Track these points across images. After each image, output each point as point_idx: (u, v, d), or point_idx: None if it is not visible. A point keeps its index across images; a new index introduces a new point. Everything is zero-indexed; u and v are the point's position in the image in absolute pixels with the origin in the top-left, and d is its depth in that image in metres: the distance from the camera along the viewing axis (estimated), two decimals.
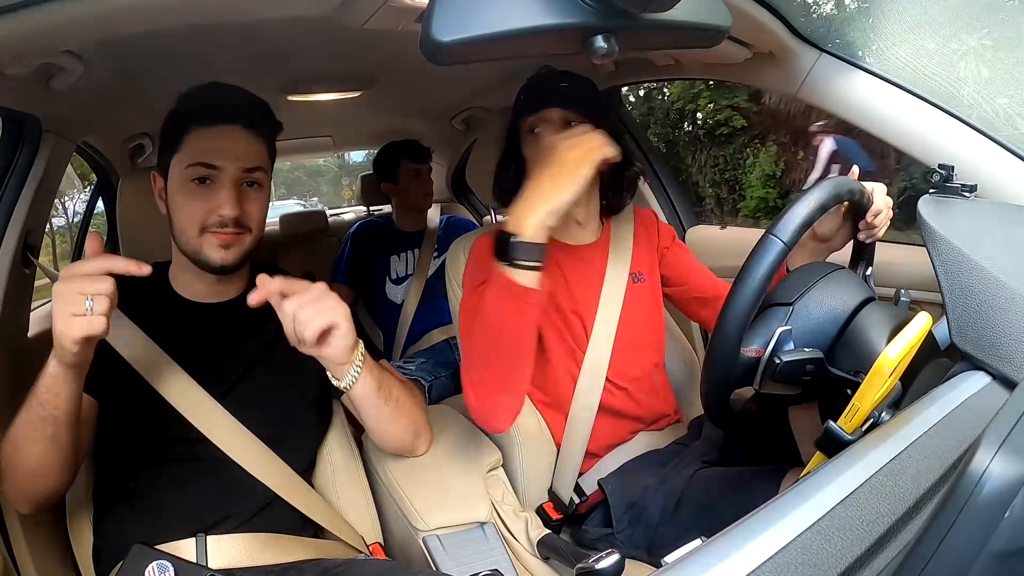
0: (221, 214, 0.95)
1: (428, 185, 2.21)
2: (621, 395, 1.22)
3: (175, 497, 0.97)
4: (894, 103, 1.06)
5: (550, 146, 0.92)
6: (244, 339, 1.03)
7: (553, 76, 1.16)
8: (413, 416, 1.07)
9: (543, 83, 1.16)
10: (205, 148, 0.96)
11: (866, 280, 0.92)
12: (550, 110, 1.11)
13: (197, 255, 0.98)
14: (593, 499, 1.21)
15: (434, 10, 0.56)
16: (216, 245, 0.97)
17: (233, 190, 0.96)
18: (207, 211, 0.96)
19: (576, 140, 0.91)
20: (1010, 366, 0.67)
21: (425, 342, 2.08)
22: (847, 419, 0.68)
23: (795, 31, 1.09)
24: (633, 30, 0.64)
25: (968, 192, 0.91)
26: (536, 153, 1.10)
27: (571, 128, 1.02)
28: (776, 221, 0.77)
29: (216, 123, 0.97)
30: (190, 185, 0.96)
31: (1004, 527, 0.38)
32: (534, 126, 1.13)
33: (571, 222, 1.22)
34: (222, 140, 0.96)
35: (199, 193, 0.96)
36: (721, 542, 0.47)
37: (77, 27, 0.76)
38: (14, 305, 1.10)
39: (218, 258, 0.98)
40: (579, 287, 1.21)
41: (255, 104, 1.01)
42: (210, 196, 0.96)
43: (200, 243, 0.97)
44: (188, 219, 0.97)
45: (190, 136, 0.97)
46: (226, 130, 0.97)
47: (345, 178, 18.72)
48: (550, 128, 1.11)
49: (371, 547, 1.09)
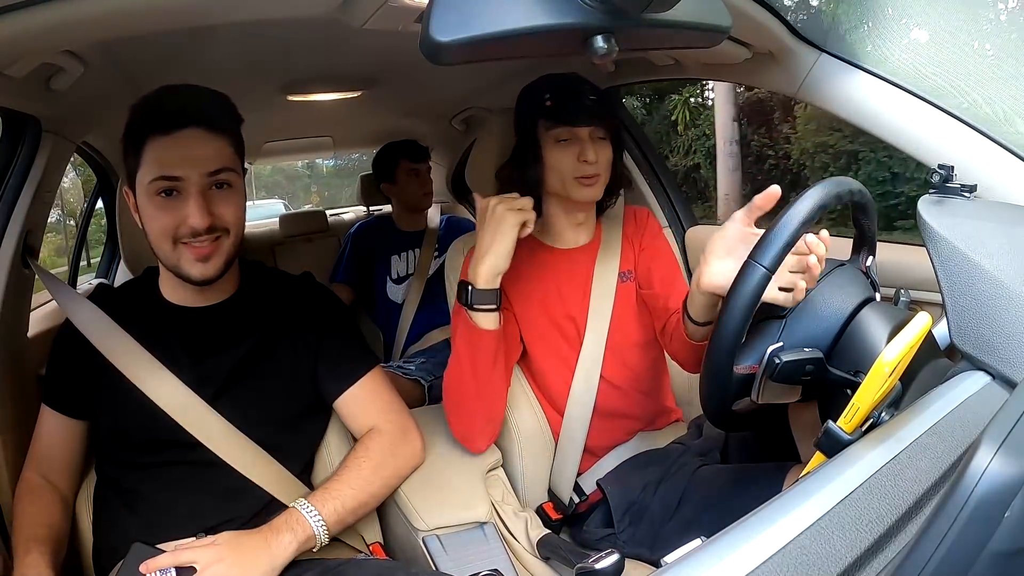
0: (191, 225, 0.92)
1: (427, 185, 2.21)
2: (617, 394, 1.22)
3: (174, 500, 0.97)
4: (894, 103, 1.06)
5: (488, 208, 1.04)
6: (235, 342, 1.02)
7: (582, 87, 1.16)
8: (387, 480, 1.06)
9: (573, 94, 1.15)
10: (165, 159, 0.92)
11: (867, 273, 0.91)
12: (583, 128, 1.13)
13: (177, 269, 0.96)
14: (593, 499, 1.21)
15: (433, 10, 0.56)
16: (193, 260, 0.94)
17: (200, 198, 0.92)
18: (176, 223, 0.93)
19: (507, 204, 1.03)
20: (1010, 366, 0.68)
21: (425, 342, 2.08)
22: (847, 419, 0.68)
23: (795, 31, 1.09)
24: (633, 30, 0.63)
25: (968, 192, 0.91)
26: (562, 161, 1.14)
27: (510, 199, 1.04)
28: (756, 247, 0.76)
29: (173, 129, 0.92)
30: (156, 199, 0.93)
31: (1004, 527, 0.38)
32: (562, 136, 1.14)
33: (571, 225, 1.23)
34: (182, 147, 0.92)
35: (166, 206, 0.93)
36: (721, 542, 0.47)
37: (77, 27, 0.76)
38: (14, 305, 1.10)
39: (197, 273, 0.95)
40: (569, 290, 1.22)
41: (213, 102, 0.96)
42: (177, 208, 0.92)
43: (177, 257, 0.95)
44: (159, 233, 0.94)
45: (149, 147, 0.93)
46: (184, 135, 0.92)
47: (314, 185, 19.00)
48: (575, 144, 1.13)
49: (371, 547, 1.09)
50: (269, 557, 0.88)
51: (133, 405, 0.96)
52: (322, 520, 0.93)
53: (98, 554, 1.00)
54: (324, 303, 1.11)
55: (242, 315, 1.04)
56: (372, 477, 1.02)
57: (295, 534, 0.90)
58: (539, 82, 1.19)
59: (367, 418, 1.08)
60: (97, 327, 0.99)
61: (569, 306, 1.21)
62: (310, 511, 0.93)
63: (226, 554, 0.86)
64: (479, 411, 1.13)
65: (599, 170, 1.14)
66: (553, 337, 1.21)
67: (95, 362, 0.97)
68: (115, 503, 1.00)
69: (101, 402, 1.00)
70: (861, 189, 0.86)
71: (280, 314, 1.05)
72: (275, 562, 0.88)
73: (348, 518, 0.98)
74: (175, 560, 0.85)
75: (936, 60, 1.15)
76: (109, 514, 1.01)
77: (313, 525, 0.92)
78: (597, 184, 1.15)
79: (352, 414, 1.08)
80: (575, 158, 1.13)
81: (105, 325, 0.99)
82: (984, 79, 1.11)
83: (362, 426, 1.08)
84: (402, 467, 1.09)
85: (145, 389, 0.96)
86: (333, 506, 0.95)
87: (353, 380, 1.07)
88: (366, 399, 1.08)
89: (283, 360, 1.04)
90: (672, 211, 1.82)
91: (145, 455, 0.98)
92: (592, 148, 1.13)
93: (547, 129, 1.15)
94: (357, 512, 1.00)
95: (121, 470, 1.00)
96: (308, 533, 0.92)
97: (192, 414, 0.97)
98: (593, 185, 1.15)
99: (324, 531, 0.93)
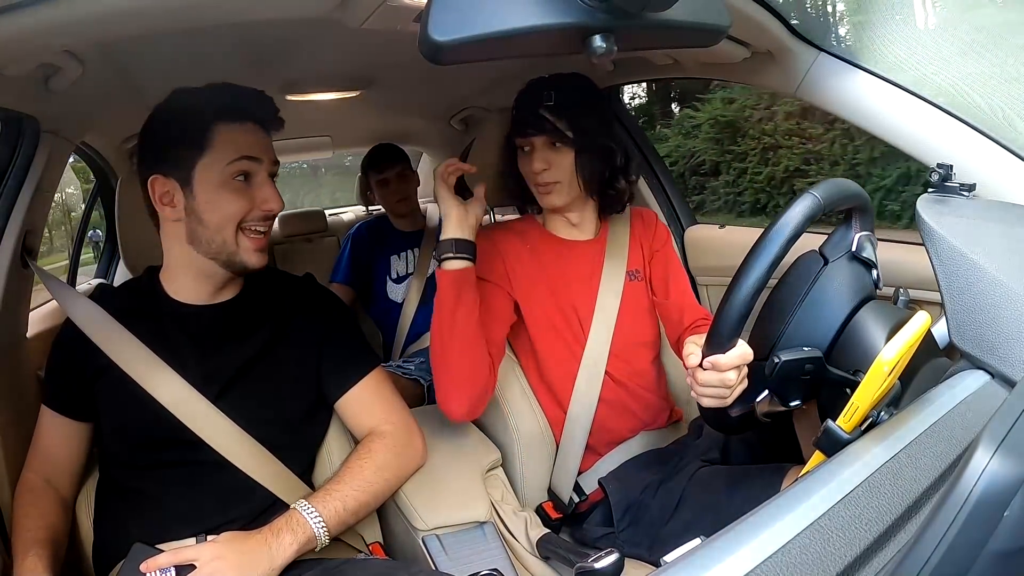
0: (267, 208, 0.97)
1: (401, 191, 2.18)
2: (621, 391, 1.22)
3: (176, 500, 0.97)
4: (892, 102, 1.06)
5: (437, 174, 1.13)
6: (239, 341, 1.02)
7: (541, 93, 1.16)
8: (390, 481, 1.06)
9: (530, 103, 1.17)
10: (243, 142, 0.96)
11: (859, 245, 0.88)
12: (536, 138, 1.16)
13: (232, 257, 0.97)
14: (593, 498, 1.21)
15: (432, 10, 0.56)
16: (252, 250, 0.98)
17: (274, 185, 0.98)
18: (249, 207, 0.96)
19: (441, 169, 1.13)
20: (1009, 365, 0.68)
21: (424, 341, 2.08)
22: (846, 418, 0.68)
23: (794, 30, 1.09)
24: (632, 30, 0.63)
25: (967, 191, 0.91)
26: (524, 170, 1.21)
27: (445, 164, 1.13)
28: None
29: (242, 120, 0.97)
30: (232, 183, 0.95)
31: (1003, 526, 0.38)
32: (524, 146, 1.18)
33: (566, 223, 1.25)
34: (253, 136, 0.97)
35: (242, 190, 0.96)
36: (720, 542, 0.47)
37: (75, 27, 0.76)
38: (13, 305, 1.10)
39: (256, 261, 0.98)
40: (576, 281, 1.22)
41: (268, 102, 1.01)
42: (249, 193, 0.96)
43: (236, 245, 0.97)
44: (228, 218, 0.95)
45: (218, 133, 0.95)
46: (250, 127, 0.98)
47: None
48: (535, 154, 1.17)
49: (371, 547, 1.09)
50: (269, 558, 0.87)
51: (136, 404, 0.95)
52: (323, 521, 0.93)
53: (99, 554, 1.00)
54: (327, 304, 1.12)
55: (248, 314, 1.04)
56: (374, 478, 1.01)
57: (295, 535, 0.90)
58: (522, 89, 1.21)
59: (369, 419, 1.08)
60: (99, 326, 0.99)
61: (575, 297, 1.22)
62: (311, 512, 0.93)
63: (225, 553, 0.86)
64: (456, 370, 1.09)
65: (555, 177, 1.16)
66: (559, 327, 1.21)
67: (97, 362, 0.97)
68: (117, 503, 1.00)
69: (103, 403, 0.99)
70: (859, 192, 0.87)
71: (284, 314, 1.06)
72: (275, 563, 0.88)
73: (349, 519, 0.98)
74: (175, 559, 0.85)
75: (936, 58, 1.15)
76: (111, 514, 1.01)
77: (314, 526, 0.92)
78: (555, 191, 1.17)
79: (354, 415, 1.08)
80: (532, 167, 1.17)
81: (107, 323, 0.99)
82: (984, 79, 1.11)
83: (364, 427, 1.08)
84: (404, 468, 1.08)
85: (148, 387, 0.96)
86: (334, 507, 0.95)
87: (355, 380, 1.07)
88: (368, 399, 1.08)
89: (287, 360, 1.04)
90: (671, 210, 1.82)
91: (148, 455, 0.98)
92: (542, 157, 1.15)
93: (513, 138, 1.20)
94: (358, 513, 1.00)
95: (124, 470, 0.99)
96: (309, 534, 0.91)
97: (196, 413, 0.96)
98: (550, 193, 1.17)
99: (325, 532, 0.93)
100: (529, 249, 1.22)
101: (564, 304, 1.21)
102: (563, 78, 1.18)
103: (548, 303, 1.21)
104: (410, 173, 2.21)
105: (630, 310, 1.23)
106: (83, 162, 1.97)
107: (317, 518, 0.93)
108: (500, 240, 1.21)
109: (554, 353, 1.21)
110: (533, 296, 1.21)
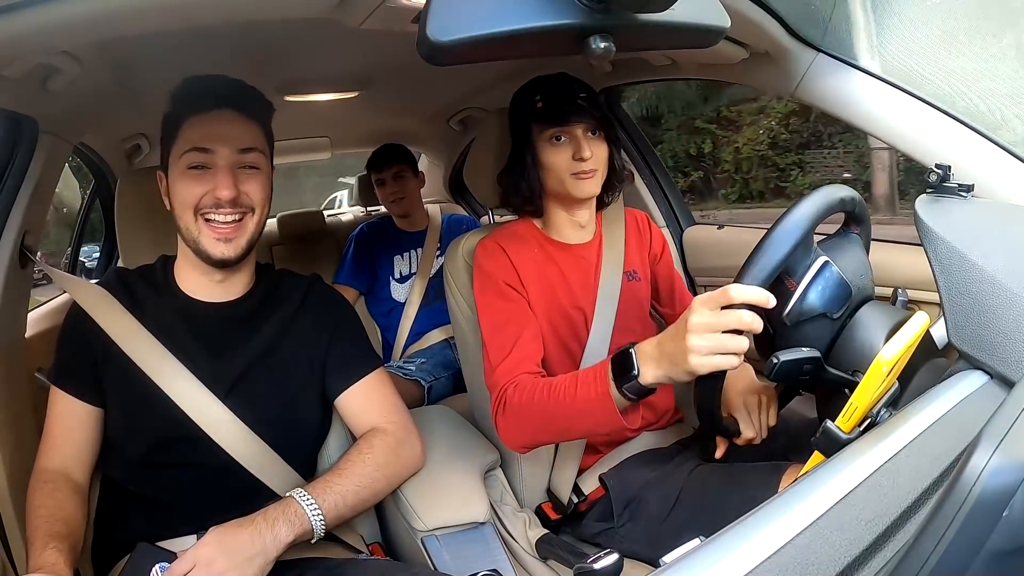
0: (217, 196, 0.95)
1: (397, 192, 2.19)
2: None
3: (179, 499, 0.97)
4: (891, 103, 1.07)
5: (702, 320, 0.78)
6: (246, 339, 1.02)
7: (571, 86, 1.17)
8: (389, 480, 1.05)
9: (563, 94, 1.16)
10: (199, 134, 0.96)
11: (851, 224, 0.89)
12: (576, 126, 1.14)
13: (197, 246, 0.98)
14: (592, 498, 1.21)
15: (430, 11, 0.56)
16: (213, 239, 0.97)
17: (229, 173, 0.96)
18: (202, 193, 0.96)
19: (722, 343, 0.77)
20: (1008, 365, 0.68)
21: (424, 341, 2.08)
22: (845, 418, 0.68)
23: (792, 31, 1.09)
24: (630, 30, 0.63)
25: (965, 192, 0.91)
26: (557, 160, 1.15)
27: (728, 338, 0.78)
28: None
29: (208, 109, 0.97)
30: (187, 172, 0.96)
31: (1003, 526, 0.38)
32: (556, 136, 1.16)
33: (574, 225, 1.24)
34: (215, 125, 0.97)
35: (196, 178, 0.96)
36: (719, 542, 0.47)
37: (74, 28, 0.76)
38: (11, 305, 1.10)
39: (217, 252, 0.97)
40: (575, 283, 1.22)
41: (245, 89, 1.01)
42: (206, 180, 0.96)
43: (198, 232, 0.97)
44: (184, 203, 0.97)
45: (185, 126, 0.97)
46: (218, 115, 0.97)
47: None
48: (570, 143, 1.14)
49: (371, 547, 1.09)
50: (263, 549, 0.86)
51: (145, 398, 0.95)
52: (320, 513, 0.92)
53: (98, 550, 0.99)
54: (335, 305, 1.12)
55: (257, 313, 1.04)
56: (375, 474, 1.01)
57: (292, 527, 0.89)
58: (528, 86, 1.20)
59: (369, 417, 1.08)
60: (108, 312, 0.99)
61: (575, 298, 1.22)
62: (309, 503, 0.91)
63: (215, 557, 0.84)
64: (553, 438, 1.14)
65: (595, 165, 1.15)
66: (560, 329, 1.21)
67: (106, 347, 0.97)
68: (120, 500, 0.99)
69: (111, 391, 0.98)
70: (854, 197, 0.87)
71: (293, 314, 1.06)
72: (269, 555, 0.86)
73: (347, 513, 0.97)
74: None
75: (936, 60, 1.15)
76: (113, 511, 1.00)
77: (311, 518, 0.91)
78: (594, 178, 1.16)
79: (354, 412, 1.08)
80: (570, 156, 1.14)
81: (116, 311, 0.99)
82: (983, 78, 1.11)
83: (364, 425, 1.08)
84: (403, 469, 1.08)
85: (159, 381, 0.95)
86: (333, 500, 0.94)
87: (357, 377, 1.07)
88: (369, 398, 1.08)
89: (294, 360, 1.04)
90: (670, 211, 1.82)
91: (153, 452, 0.97)
92: (587, 144, 1.14)
93: (540, 131, 1.16)
94: (356, 508, 0.99)
95: (127, 467, 0.99)
96: (306, 527, 0.90)
97: (206, 410, 0.96)
98: (591, 179, 1.16)
99: (322, 525, 0.92)
100: (534, 253, 1.22)
101: (564, 306, 1.21)
102: (579, 80, 1.19)
103: (550, 305, 1.21)
104: (409, 174, 2.21)
105: (629, 310, 1.23)
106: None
107: (316, 510, 0.91)
108: (509, 246, 1.20)
109: (554, 354, 1.21)
110: (540, 298, 1.21)
